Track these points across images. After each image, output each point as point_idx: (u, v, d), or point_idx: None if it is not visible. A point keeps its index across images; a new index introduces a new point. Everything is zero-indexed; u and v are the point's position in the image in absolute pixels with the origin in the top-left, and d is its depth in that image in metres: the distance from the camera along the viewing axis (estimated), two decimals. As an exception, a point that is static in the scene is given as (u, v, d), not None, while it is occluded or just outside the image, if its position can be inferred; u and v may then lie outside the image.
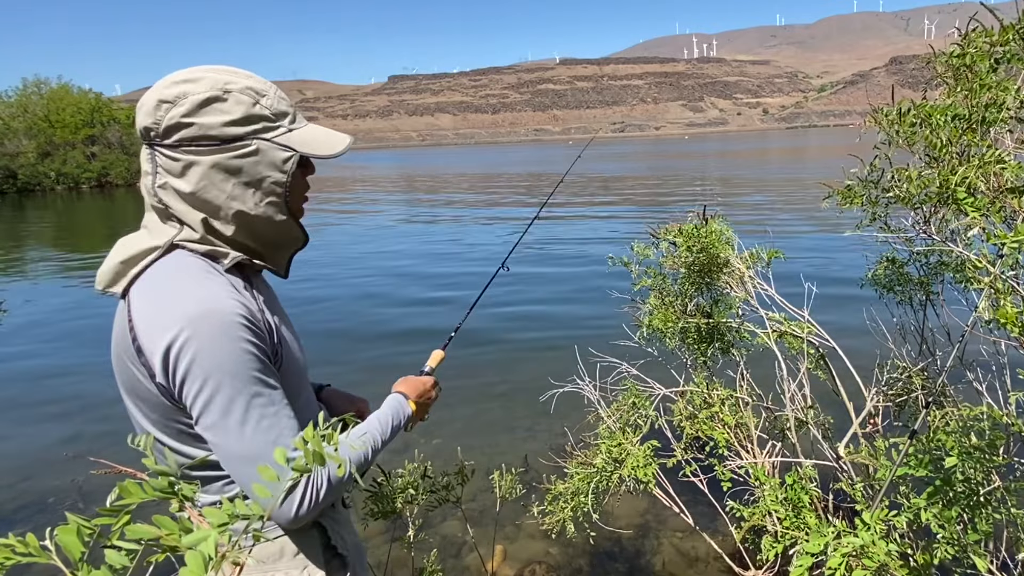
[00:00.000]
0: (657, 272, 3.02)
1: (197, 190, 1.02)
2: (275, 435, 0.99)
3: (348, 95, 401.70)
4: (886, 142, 1.84)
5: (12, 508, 3.73)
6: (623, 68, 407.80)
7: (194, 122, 1.00)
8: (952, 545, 1.60)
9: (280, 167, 1.06)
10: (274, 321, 1.09)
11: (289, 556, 1.12)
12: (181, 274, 1.01)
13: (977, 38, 1.70)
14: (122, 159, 42.62)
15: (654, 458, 2.34)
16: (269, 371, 1.02)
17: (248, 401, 0.97)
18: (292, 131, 1.08)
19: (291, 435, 1.01)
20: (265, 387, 1.00)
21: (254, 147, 1.04)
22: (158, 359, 0.95)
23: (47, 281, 11.08)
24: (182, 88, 1.00)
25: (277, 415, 1.01)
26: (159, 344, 0.95)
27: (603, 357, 3.00)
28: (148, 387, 0.99)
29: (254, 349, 0.99)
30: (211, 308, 0.96)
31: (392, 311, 8.03)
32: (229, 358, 0.96)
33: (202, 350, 0.94)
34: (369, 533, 3.08)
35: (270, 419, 1.00)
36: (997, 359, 2.23)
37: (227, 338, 0.96)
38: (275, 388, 1.03)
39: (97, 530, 0.47)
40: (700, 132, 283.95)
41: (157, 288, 1.00)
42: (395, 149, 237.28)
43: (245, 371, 0.97)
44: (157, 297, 0.99)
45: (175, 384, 0.96)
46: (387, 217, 19.60)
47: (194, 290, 0.98)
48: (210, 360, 0.95)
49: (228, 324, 0.96)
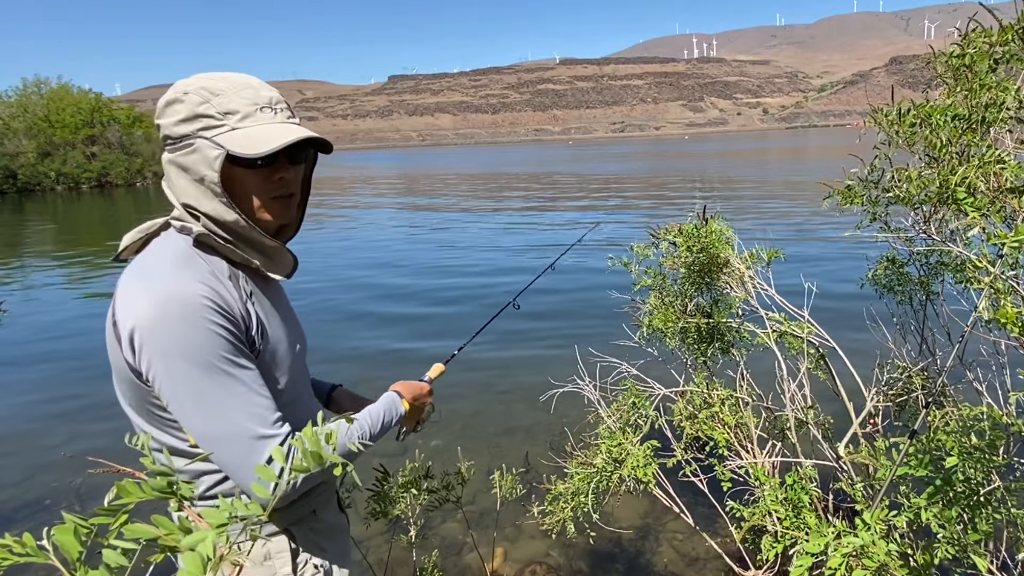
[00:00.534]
0: (657, 272, 3.02)
1: (169, 185, 1.11)
2: (245, 413, 1.01)
3: (348, 95, 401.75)
4: (886, 142, 1.84)
5: (10, 508, 3.72)
6: (623, 68, 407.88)
7: (160, 123, 1.08)
8: (952, 545, 1.60)
9: (211, 165, 1.05)
10: (257, 313, 1.10)
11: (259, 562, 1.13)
12: (165, 257, 1.05)
13: (977, 38, 1.70)
14: (122, 159, 42.61)
15: (654, 458, 2.34)
16: (240, 352, 1.04)
17: (213, 382, 0.99)
18: (237, 129, 1.05)
19: (266, 411, 1.03)
20: (234, 367, 1.02)
21: (195, 145, 1.06)
22: (126, 339, 0.99)
23: (47, 281, 11.07)
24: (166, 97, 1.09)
25: (246, 395, 1.02)
26: (127, 324, 0.99)
27: (603, 357, 2.99)
28: (123, 364, 1.02)
29: (221, 331, 1.00)
30: (176, 295, 0.98)
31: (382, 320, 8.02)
32: (196, 341, 0.98)
33: (166, 333, 0.97)
34: (369, 533, 3.08)
35: (236, 398, 1.01)
36: (997, 359, 2.23)
37: (190, 323, 0.98)
38: (247, 369, 1.04)
39: (95, 530, 0.47)
40: (700, 132, 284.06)
41: (140, 267, 1.05)
42: (395, 149, 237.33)
43: (210, 353, 0.99)
44: (136, 277, 1.04)
45: (141, 365, 0.99)
46: (382, 219, 19.59)
47: (167, 275, 1.01)
48: (175, 344, 0.97)
49: (192, 308, 0.98)
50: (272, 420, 1.04)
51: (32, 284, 10.87)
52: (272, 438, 1.02)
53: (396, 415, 1.29)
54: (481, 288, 9.05)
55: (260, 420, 1.02)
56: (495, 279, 9.60)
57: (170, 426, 1.06)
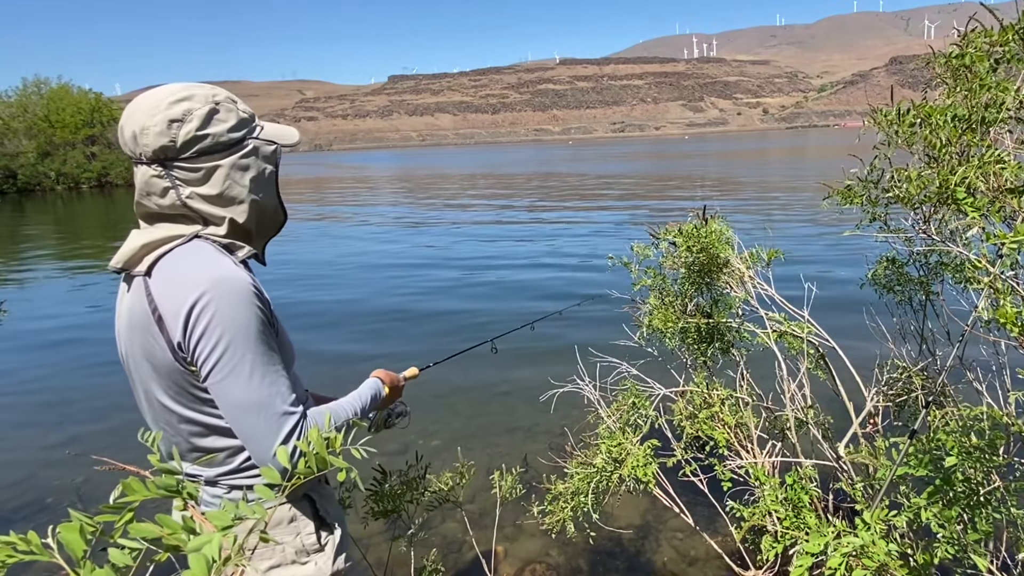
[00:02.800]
0: (657, 272, 3.02)
1: (223, 190, 1.18)
2: (276, 389, 1.13)
3: (348, 95, 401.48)
4: (885, 142, 1.84)
5: (12, 507, 3.73)
6: (623, 68, 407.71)
7: (208, 133, 1.15)
8: (952, 545, 1.60)
9: (271, 158, 1.26)
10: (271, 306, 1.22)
11: (284, 523, 1.27)
12: (201, 253, 1.15)
13: (976, 38, 1.71)
14: (122, 159, 42.48)
15: (654, 458, 2.34)
16: (272, 338, 1.17)
17: (256, 357, 1.11)
18: (263, 127, 1.26)
19: (289, 391, 1.16)
20: (269, 349, 1.15)
21: (252, 146, 1.22)
22: (181, 318, 1.08)
23: (47, 281, 11.07)
24: (184, 106, 1.13)
25: (277, 373, 1.15)
26: (185, 302, 1.07)
27: (603, 357, 3.00)
28: (165, 355, 1.11)
29: (263, 316, 1.14)
30: (230, 275, 1.11)
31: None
32: (244, 318, 1.10)
33: (222, 308, 1.08)
34: (369, 532, 3.08)
35: (272, 376, 1.14)
36: (997, 359, 2.23)
37: (243, 301, 1.10)
38: (276, 352, 1.17)
39: (100, 528, 0.47)
40: (700, 132, 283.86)
41: (179, 263, 1.13)
42: (395, 149, 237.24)
43: (256, 332, 1.11)
44: (179, 269, 1.12)
45: (193, 338, 1.08)
46: (377, 222, 19.60)
47: (215, 262, 1.13)
48: (228, 317, 1.08)
49: (244, 290, 1.11)
50: (292, 399, 1.16)
51: (32, 284, 10.87)
52: (292, 415, 1.14)
53: (379, 396, 1.46)
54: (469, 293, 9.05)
55: (285, 398, 1.14)
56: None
57: (211, 405, 1.16)
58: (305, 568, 1.29)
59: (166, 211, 1.17)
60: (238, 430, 1.14)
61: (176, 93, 1.14)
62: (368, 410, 1.39)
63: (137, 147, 1.13)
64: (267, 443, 1.12)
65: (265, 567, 1.25)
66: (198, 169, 1.15)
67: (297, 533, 1.28)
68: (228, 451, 1.21)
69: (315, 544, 1.31)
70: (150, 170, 1.14)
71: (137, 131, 1.11)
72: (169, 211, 1.17)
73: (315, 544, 1.31)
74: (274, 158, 1.26)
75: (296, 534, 1.28)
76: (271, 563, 1.26)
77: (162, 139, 1.11)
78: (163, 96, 1.13)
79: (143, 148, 1.12)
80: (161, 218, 1.19)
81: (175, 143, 1.12)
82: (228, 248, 1.20)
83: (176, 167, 1.14)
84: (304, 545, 1.29)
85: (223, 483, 1.24)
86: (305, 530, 1.29)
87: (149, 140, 1.11)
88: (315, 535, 1.30)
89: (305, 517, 1.30)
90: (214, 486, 1.25)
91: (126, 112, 1.15)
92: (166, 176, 1.14)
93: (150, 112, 1.11)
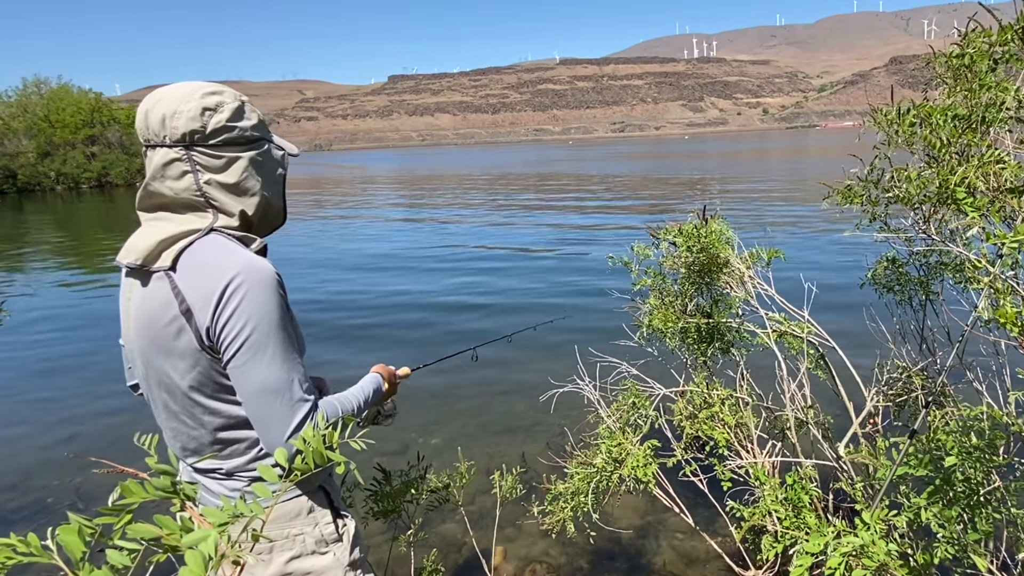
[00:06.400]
0: (657, 272, 3.02)
1: (240, 181, 1.22)
2: (295, 376, 1.18)
3: (348, 95, 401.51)
4: (885, 142, 1.84)
5: (11, 508, 3.73)
6: (623, 68, 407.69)
7: (236, 125, 1.20)
8: (952, 545, 1.60)
9: (281, 162, 1.33)
10: None
11: (304, 514, 1.31)
12: (225, 244, 1.18)
13: (976, 38, 1.70)
14: (122, 159, 42.60)
15: (654, 458, 2.34)
16: (292, 326, 1.21)
17: (279, 343, 1.15)
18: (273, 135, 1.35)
19: (305, 379, 1.20)
20: (289, 337, 1.19)
21: (267, 147, 1.29)
22: (212, 301, 1.11)
23: (47, 281, 11.07)
24: (217, 98, 1.18)
25: (296, 361, 1.19)
26: (217, 287, 1.11)
27: (603, 357, 2.99)
28: (191, 344, 1.14)
29: (285, 304, 1.19)
30: (258, 263, 1.16)
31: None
32: (270, 303, 1.14)
33: (251, 292, 1.12)
34: (369, 532, 3.08)
35: (291, 362, 1.18)
36: (997, 359, 2.23)
37: (270, 287, 1.15)
38: (295, 341, 1.21)
39: (99, 530, 0.47)
40: (700, 132, 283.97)
41: (204, 254, 1.15)
42: (395, 149, 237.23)
43: (279, 318, 1.16)
44: (206, 259, 1.15)
45: (220, 320, 1.12)
46: (372, 221, 19.59)
47: (239, 251, 1.17)
48: (256, 301, 1.13)
49: (271, 277, 1.16)
50: (308, 386, 1.20)
51: (33, 285, 10.87)
52: (306, 402, 1.18)
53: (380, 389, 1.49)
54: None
55: (301, 384, 1.18)
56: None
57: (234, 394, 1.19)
58: (324, 558, 1.33)
59: (177, 198, 1.17)
60: (254, 414, 1.17)
61: (208, 87, 1.19)
62: (370, 403, 1.42)
63: (164, 129, 1.14)
64: (281, 428, 1.15)
65: (286, 558, 1.28)
66: (220, 157, 1.19)
67: (316, 523, 1.32)
68: (248, 442, 1.24)
69: (333, 533, 1.34)
70: (172, 152, 1.15)
71: (168, 114, 1.13)
72: (180, 198, 1.18)
73: (333, 533, 1.34)
74: (283, 162, 1.33)
75: (315, 524, 1.32)
76: (291, 554, 1.29)
77: (194, 123, 1.14)
78: (195, 88, 1.17)
79: (171, 131, 1.14)
80: (167, 208, 1.19)
81: (205, 129, 1.15)
82: (242, 241, 1.24)
83: (198, 151, 1.16)
84: (323, 535, 1.32)
85: (241, 475, 1.26)
86: (323, 520, 1.33)
87: (180, 123, 1.14)
88: (333, 524, 1.34)
89: (322, 508, 1.33)
90: (232, 478, 1.26)
91: (151, 99, 1.16)
92: (187, 159, 1.16)
93: (183, 99, 1.15)
